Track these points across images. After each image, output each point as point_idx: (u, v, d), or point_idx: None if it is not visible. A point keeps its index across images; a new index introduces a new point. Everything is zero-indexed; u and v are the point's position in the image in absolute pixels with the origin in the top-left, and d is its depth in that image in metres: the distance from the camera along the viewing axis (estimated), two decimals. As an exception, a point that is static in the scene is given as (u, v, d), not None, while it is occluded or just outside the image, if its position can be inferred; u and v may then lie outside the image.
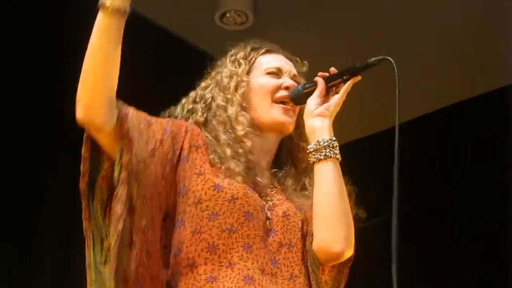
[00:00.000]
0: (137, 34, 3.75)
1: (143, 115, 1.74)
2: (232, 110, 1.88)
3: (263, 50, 2.00)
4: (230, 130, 1.85)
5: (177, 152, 1.75)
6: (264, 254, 1.71)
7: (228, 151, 1.80)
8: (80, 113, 1.64)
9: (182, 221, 1.72)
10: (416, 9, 3.90)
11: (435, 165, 4.30)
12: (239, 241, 1.69)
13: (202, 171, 1.75)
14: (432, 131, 4.38)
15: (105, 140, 1.66)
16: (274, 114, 1.89)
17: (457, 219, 4.16)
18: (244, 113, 1.88)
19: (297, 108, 1.93)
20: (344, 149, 1.83)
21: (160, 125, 1.75)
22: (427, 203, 4.19)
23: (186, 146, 1.77)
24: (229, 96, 1.91)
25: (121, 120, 1.66)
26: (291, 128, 1.92)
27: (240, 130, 1.85)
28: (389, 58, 1.80)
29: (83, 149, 1.68)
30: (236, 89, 1.91)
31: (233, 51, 2.01)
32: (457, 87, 4.24)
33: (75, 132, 1.69)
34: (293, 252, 1.75)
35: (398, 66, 1.75)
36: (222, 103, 1.90)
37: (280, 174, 1.92)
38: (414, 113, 4.28)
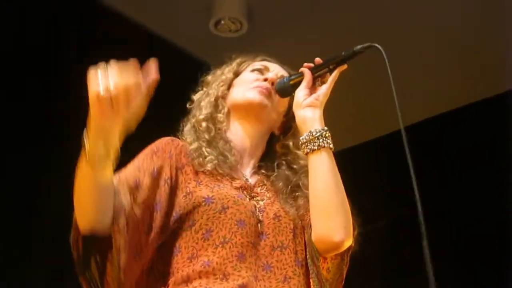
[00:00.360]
0: (131, 41, 3.79)
1: (132, 179, 1.70)
2: (205, 101, 1.96)
3: (259, 58, 2.04)
4: (195, 120, 1.93)
5: (169, 182, 1.75)
6: (256, 261, 1.72)
7: (188, 139, 1.86)
8: (84, 229, 1.60)
9: (179, 248, 1.72)
10: (416, 12, 3.90)
11: (435, 170, 4.30)
12: (233, 251, 1.69)
13: (189, 190, 1.76)
14: (433, 136, 4.38)
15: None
16: (248, 94, 1.92)
17: (457, 223, 4.17)
18: (219, 103, 1.94)
19: (284, 100, 1.94)
20: (338, 156, 1.82)
21: (148, 173, 1.73)
22: (426, 208, 4.20)
23: (173, 173, 1.77)
24: (210, 91, 1.98)
25: (117, 215, 1.61)
26: (267, 111, 1.92)
27: (202, 114, 1.92)
28: (376, 44, 1.78)
29: (76, 250, 1.64)
30: (217, 85, 1.98)
31: (228, 60, 2.07)
32: (457, 93, 4.25)
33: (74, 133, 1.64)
34: (286, 254, 1.76)
35: (398, 72, 1.73)
36: (200, 97, 1.99)
37: (273, 176, 1.92)
38: (414, 118, 4.29)
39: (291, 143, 1.96)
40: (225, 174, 1.82)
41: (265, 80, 1.93)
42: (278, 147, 1.98)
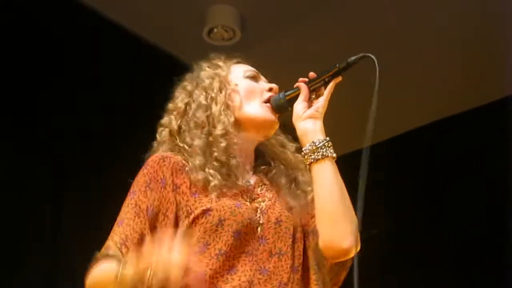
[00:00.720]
0: (126, 49, 3.80)
1: (137, 236, 1.73)
2: (216, 108, 1.90)
3: (235, 60, 2.03)
4: (206, 133, 1.87)
5: (167, 214, 1.76)
6: (250, 267, 1.73)
7: (197, 161, 1.82)
8: None
9: None
10: (415, 15, 3.91)
11: (433, 176, 4.30)
12: (225, 265, 1.71)
13: (190, 210, 1.76)
14: (432, 141, 4.38)
15: None
16: (263, 112, 1.92)
17: (455, 228, 4.17)
18: (228, 112, 1.90)
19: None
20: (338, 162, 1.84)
21: (147, 216, 1.75)
22: (425, 213, 4.21)
23: (171, 200, 1.78)
24: (213, 95, 1.92)
25: None
26: (275, 127, 1.96)
27: (219, 130, 1.86)
28: (369, 54, 1.81)
29: None
30: (220, 89, 1.93)
31: (205, 62, 2.04)
32: (456, 98, 4.25)
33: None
34: (283, 261, 1.77)
35: (397, 74, 1.73)
36: (204, 102, 1.91)
37: (273, 172, 1.95)
38: (412, 124, 4.31)
39: (274, 141, 1.99)
40: (228, 189, 1.82)
41: (270, 90, 1.95)
42: (262, 146, 2.00)
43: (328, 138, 1.83)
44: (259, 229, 1.78)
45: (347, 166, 1.87)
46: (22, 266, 3.26)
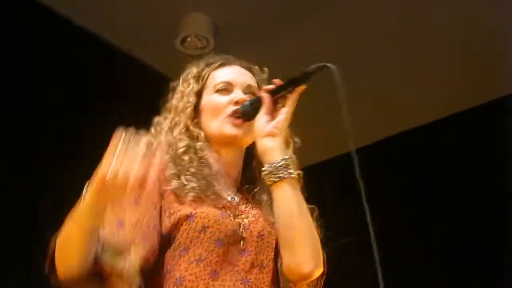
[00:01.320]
0: (99, 58, 3.81)
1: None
2: (176, 132, 1.88)
3: (217, 64, 1.98)
4: (173, 150, 1.85)
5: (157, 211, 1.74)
6: (231, 277, 1.72)
7: (173, 170, 1.79)
8: (62, 279, 1.61)
9: (160, 265, 1.72)
10: (414, 14, 3.88)
11: (430, 176, 4.29)
12: (207, 269, 1.70)
13: (172, 211, 1.74)
14: (428, 142, 4.37)
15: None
16: (224, 128, 1.87)
17: (448, 228, 4.15)
18: (190, 132, 1.88)
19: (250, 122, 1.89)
20: (310, 170, 1.84)
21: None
22: (419, 214, 4.20)
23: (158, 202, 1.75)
24: (176, 118, 1.90)
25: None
26: (244, 140, 1.90)
27: (181, 148, 1.84)
28: (328, 64, 1.74)
29: None
30: (183, 110, 1.91)
31: (188, 70, 2.01)
32: (455, 97, 4.24)
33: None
34: (264, 273, 1.76)
35: (396, 74, 1.70)
36: (167, 128, 1.90)
37: (256, 190, 1.91)
38: (409, 124, 4.29)
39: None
40: (209, 197, 1.80)
41: (236, 103, 1.89)
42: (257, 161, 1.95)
43: (287, 157, 1.76)
44: (241, 242, 1.77)
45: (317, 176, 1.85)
46: (22, 266, 3.29)
